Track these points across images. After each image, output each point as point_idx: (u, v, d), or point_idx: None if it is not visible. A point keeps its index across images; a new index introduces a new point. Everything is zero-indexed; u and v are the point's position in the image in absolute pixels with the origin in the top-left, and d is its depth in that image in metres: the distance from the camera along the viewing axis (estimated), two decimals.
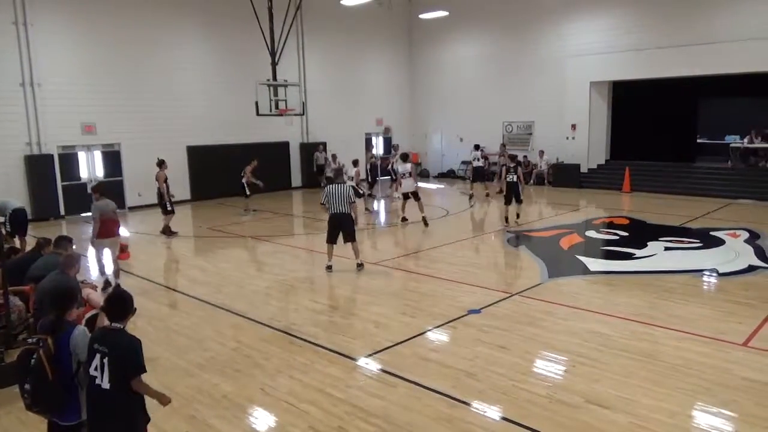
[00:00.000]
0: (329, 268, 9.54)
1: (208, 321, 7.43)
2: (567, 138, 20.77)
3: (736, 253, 10.28)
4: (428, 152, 25.77)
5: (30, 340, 3.80)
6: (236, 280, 9.43)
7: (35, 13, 15.05)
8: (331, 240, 9.55)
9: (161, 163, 12.96)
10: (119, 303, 3.66)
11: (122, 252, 9.34)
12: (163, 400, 3.63)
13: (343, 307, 8.00)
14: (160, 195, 12.86)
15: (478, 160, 18.49)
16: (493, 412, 4.91)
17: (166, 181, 12.82)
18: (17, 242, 10.34)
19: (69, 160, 16.22)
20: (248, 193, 15.89)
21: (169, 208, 12.86)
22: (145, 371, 3.55)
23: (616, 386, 5.27)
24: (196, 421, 4.87)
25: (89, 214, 9.21)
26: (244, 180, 15.75)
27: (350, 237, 9.54)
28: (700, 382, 5.33)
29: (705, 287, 8.65)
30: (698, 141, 23.11)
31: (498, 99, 22.70)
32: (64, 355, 3.69)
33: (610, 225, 13.50)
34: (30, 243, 9.98)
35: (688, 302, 7.67)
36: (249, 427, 4.84)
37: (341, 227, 9.45)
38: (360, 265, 9.61)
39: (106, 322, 3.65)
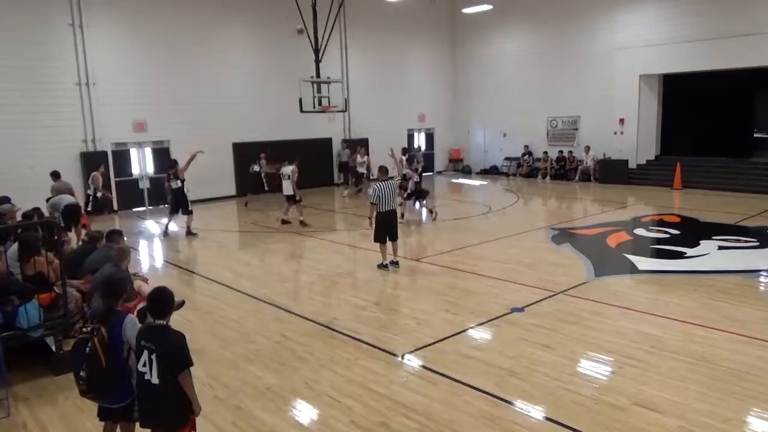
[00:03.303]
0: (386, 266, 9.43)
1: (253, 314, 7.58)
2: (615, 133, 20.21)
3: None
4: (471, 148, 25.54)
5: (84, 329, 3.98)
6: (280, 275, 9.59)
7: (90, 15, 15.64)
8: (384, 239, 9.39)
9: (173, 166, 12.95)
10: (160, 301, 3.75)
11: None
12: (195, 408, 3.70)
13: (385, 303, 8.02)
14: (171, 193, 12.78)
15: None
16: (537, 413, 4.84)
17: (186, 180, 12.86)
18: (71, 235, 10.79)
19: (121, 157, 16.83)
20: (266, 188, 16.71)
21: (190, 209, 12.81)
22: (192, 365, 3.65)
23: (666, 389, 5.10)
24: (241, 412, 4.98)
25: (142, 208, 9.84)
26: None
27: (397, 235, 9.47)
28: (757, 387, 5.10)
29: (762, 288, 8.27)
30: (755, 135, 22.10)
31: (542, 93, 22.26)
32: (116, 343, 3.88)
33: (660, 223, 13.08)
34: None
35: (744, 303, 7.35)
36: (292, 419, 4.91)
37: (391, 224, 9.35)
38: (396, 263, 9.52)
39: (150, 319, 3.76)
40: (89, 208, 12.80)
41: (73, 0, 15.34)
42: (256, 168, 16.96)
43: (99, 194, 12.96)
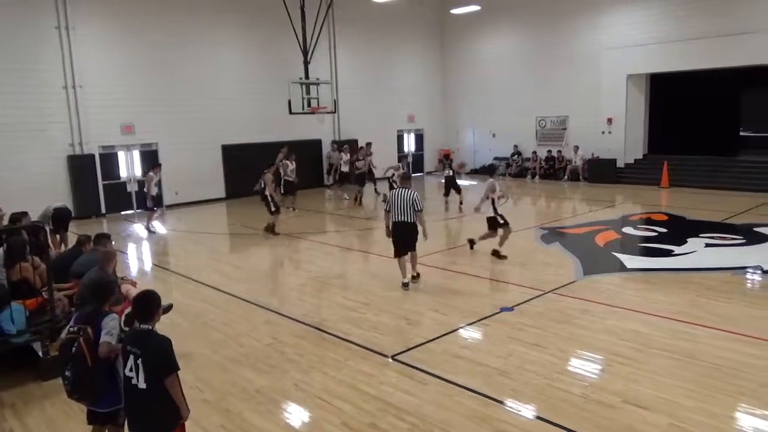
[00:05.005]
0: (405, 285, 8.40)
1: (243, 317, 7.55)
2: (603, 132, 20.34)
3: None
4: (460, 148, 25.57)
5: (72, 329, 3.96)
6: (270, 277, 9.55)
7: (77, 17, 15.50)
8: (401, 253, 8.40)
9: (269, 166, 13.32)
10: (144, 305, 3.70)
11: None
12: (183, 412, 3.66)
13: (375, 304, 7.99)
14: (265, 196, 12.83)
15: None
16: (528, 411, 4.85)
17: (273, 182, 13.02)
18: (59, 239, 10.68)
19: (109, 160, 16.69)
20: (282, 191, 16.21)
21: (273, 209, 12.71)
22: (179, 369, 3.61)
23: (655, 386, 5.13)
24: (231, 415, 4.95)
25: (130, 211, 9.63)
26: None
27: (412, 247, 8.47)
28: (744, 383, 5.15)
29: (749, 285, 8.36)
30: (741, 134, 22.31)
31: (531, 93, 22.35)
32: None
33: (648, 221, 13.17)
34: (72, 240, 10.29)
35: (731, 300, 7.42)
36: (283, 422, 4.89)
37: (405, 237, 8.33)
38: (416, 277, 8.58)
39: (136, 324, 3.72)
40: (148, 206, 13.63)
41: (59, 2, 15.19)
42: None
43: (153, 193, 13.63)
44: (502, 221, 9.86)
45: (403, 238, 8.34)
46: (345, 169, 17.92)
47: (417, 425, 4.65)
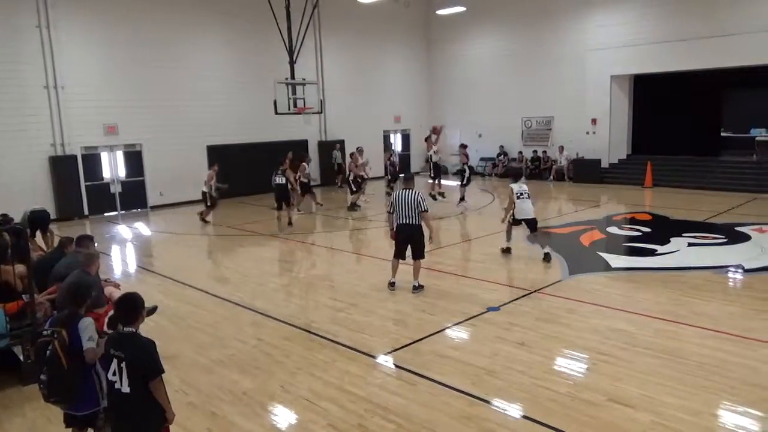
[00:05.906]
0: (392, 285, 8.37)
1: (229, 319, 7.49)
2: (587, 133, 20.52)
3: (762, 248, 10.04)
4: (446, 149, 25.61)
5: (45, 332, 3.91)
6: (256, 278, 9.49)
7: (58, 16, 15.29)
8: (400, 255, 8.24)
9: (284, 163, 14.11)
10: (127, 307, 3.66)
11: None
12: (168, 415, 3.63)
13: (362, 305, 7.97)
14: (287, 189, 13.69)
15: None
16: (514, 411, 4.87)
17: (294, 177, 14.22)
18: (39, 241, 10.53)
19: (92, 161, 16.48)
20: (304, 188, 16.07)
21: (292, 200, 13.84)
22: (163, 372, 3.58)
23: (639, 384, 5.18)
24: (217, 418, 4.91)
25: (114, 213, 9.48)
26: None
27: (419, 254, 8.19)
28: (726, 380, 5.22)
29: (731, 284, 8.47)
30: (722, 134, 22.62)
31: (517, 94, 22.48)
32: (77, 345, 3.84)
33: (632, 221, 13.30)
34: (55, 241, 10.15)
35: (713, 299, 7.52)
36: (269, 424, 4.87)
37: (410, 241, 8.12)
38: (416, 288, 8.21)
39: (119, 327, 3.68)
40: (209, 203, 14.49)
41: (39, 1, 14.97)
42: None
43: (214, 193, 14.36)
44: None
45: (408, 240, 8.14)
46: (362, 173, 17.21)
47: (404, 426, 4.65)
